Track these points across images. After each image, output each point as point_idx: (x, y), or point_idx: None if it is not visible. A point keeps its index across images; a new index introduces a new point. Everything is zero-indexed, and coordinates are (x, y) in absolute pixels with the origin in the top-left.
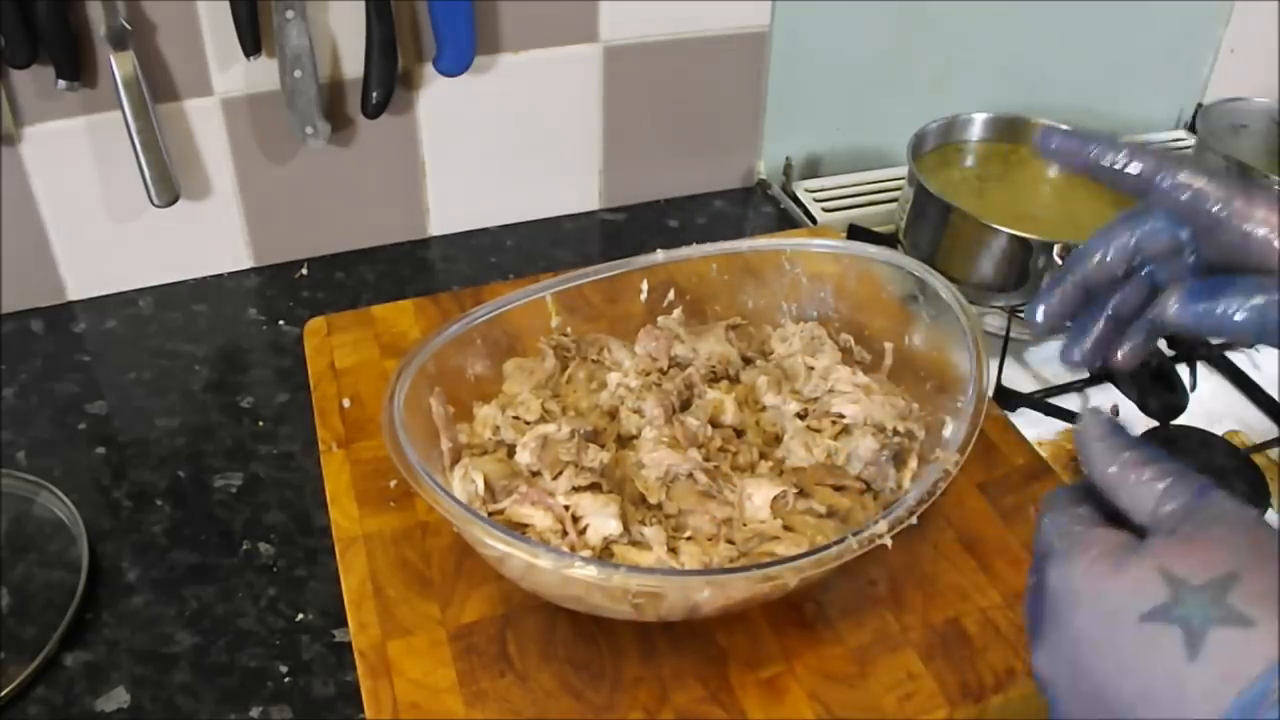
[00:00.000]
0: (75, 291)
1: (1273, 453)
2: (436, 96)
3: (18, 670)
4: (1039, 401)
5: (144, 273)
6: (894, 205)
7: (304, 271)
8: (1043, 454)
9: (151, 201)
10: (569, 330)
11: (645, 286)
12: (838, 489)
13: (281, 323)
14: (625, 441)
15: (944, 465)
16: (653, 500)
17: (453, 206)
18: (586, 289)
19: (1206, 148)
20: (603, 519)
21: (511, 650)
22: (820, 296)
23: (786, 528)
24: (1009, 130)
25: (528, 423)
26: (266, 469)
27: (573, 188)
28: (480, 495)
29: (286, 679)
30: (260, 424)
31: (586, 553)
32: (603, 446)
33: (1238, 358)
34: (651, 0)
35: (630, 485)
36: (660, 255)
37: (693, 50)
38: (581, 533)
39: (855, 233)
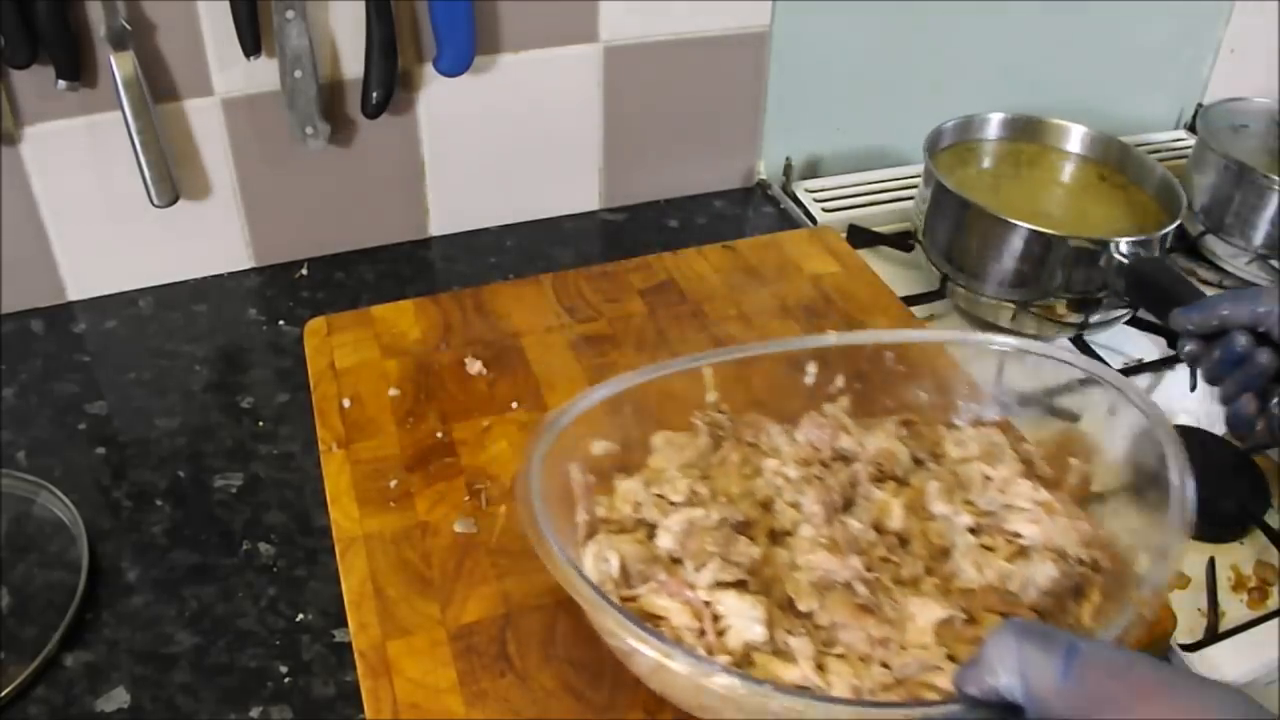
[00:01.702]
0: (75, 291)
1: (1273, 453)
2: (436, 96)
3: (18, 670)
4: (1040, 402)
5: (144, 273)
6: (894, 205)
7: (304, 271)
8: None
9: (151, 201)
10: (725, 407)
11: (813, 370)
12: (1008, 617)
13: (281, 323)
14: (778, 537)
15: (1137, 607)
16: (803, 608)
17: (453, 206)
18: (748, 364)
19: (1206, 148)
20: (747, 622)
21: (511, 650)
22: (1002, 400)
23: (950, 657)
24: (1024, 130)
25: (673, 503)
26: (266, 469)
27: (573, 188)
28: (614, 578)
29: (286, 679)
30: (260, 424)
31: (725, 658)
32: (753, 540)
33: None
34: (651, 0)
35: (779, 587)
36: (832, 337)
37: (693, 50)
38: (721, 634)
39: (855, 233)
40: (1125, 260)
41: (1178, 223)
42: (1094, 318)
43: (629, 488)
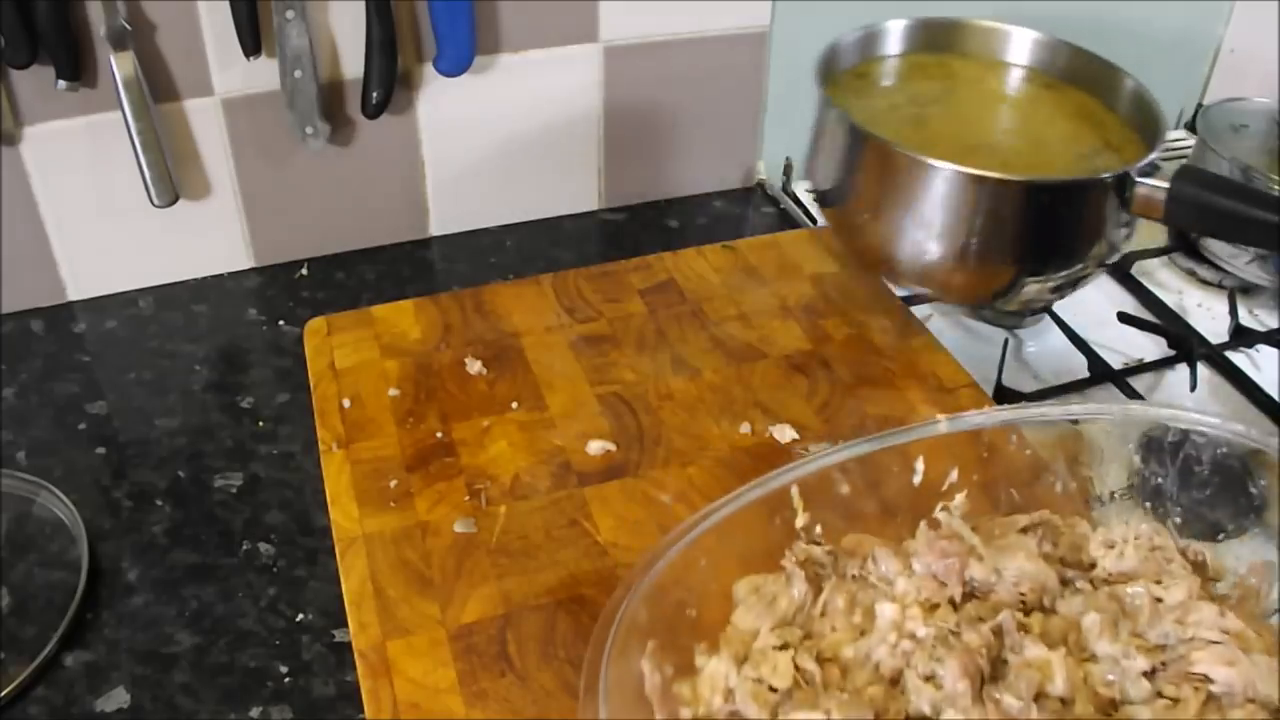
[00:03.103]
0: (75, 291)
1: (1273, 453)
2: (436, 96)
3: (18, 670)
4: (1039, 402)
5: (144, 273)
6: None
7: (304, 271)
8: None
9: (151, 201)
10: (819, 533)
11: (921, 466)
12: None
13: (281, 323)
14: None
15: None
16: None
17: (453, 206)
18: (837, 472)
19: (1206, 148)
20: None
21: (512, 650)
22: (1155, 483)
23: None
24: (942, 37)
25: (774, 689)
26: (266, 469)
27: (573, 188)
28: None
29: (286, 679)
30: (260, 424)
31: None
32: None
33: (1237, 358)
34: (651, 0)
35: None
36: (943, 425)
37: (693, 50)
38: None
39: None
40: (1167, 190)
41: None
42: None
43: (715, 670)
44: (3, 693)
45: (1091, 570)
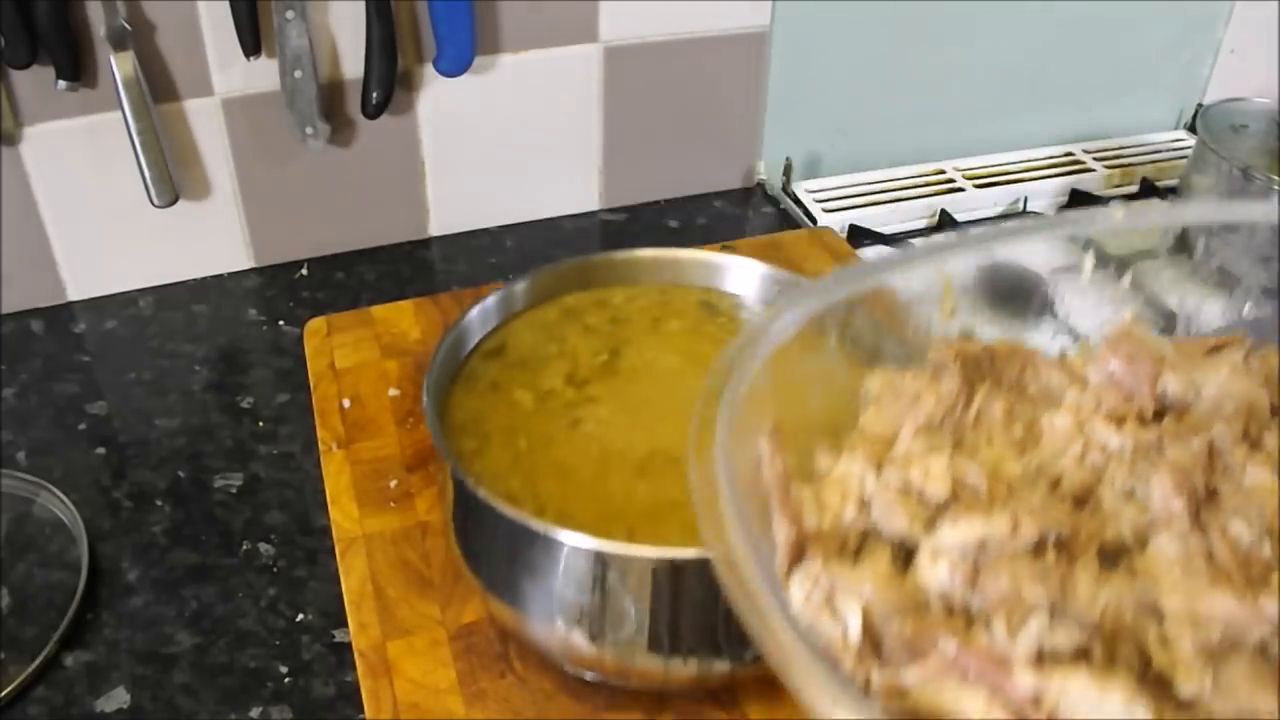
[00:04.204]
0: (75, 291)
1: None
2: (436, 96)
3: (18, 670)
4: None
5: (144, 273)
6: (894, 205)
7: (304, 271)
8: None
9: (151, 201)
10: (973, 337)
11: (1090, 263)
12: None
13: (281, 323)
14: (1110, 554)
15: None
16: (1187, 690)
17: (453, 206)
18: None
19: (1206, 149)
20: None
21: (511, 650)
22: None
23: None
24: (600, 270)
25: (924, 500)
26: (266, 469)
27: (573, 188)
28: (854, 645)
29: (286, 679)
30: (260, 424)
31: None
32: (1071, 559)
33: None
34: (651, 0)
35: (1125, 645)
36: (1119, 213)
37: (693, 50)
38: None
39: (856, 233)
40: None
41: None
42: None
43: (848, 473)
44: (3, 693)
45: None
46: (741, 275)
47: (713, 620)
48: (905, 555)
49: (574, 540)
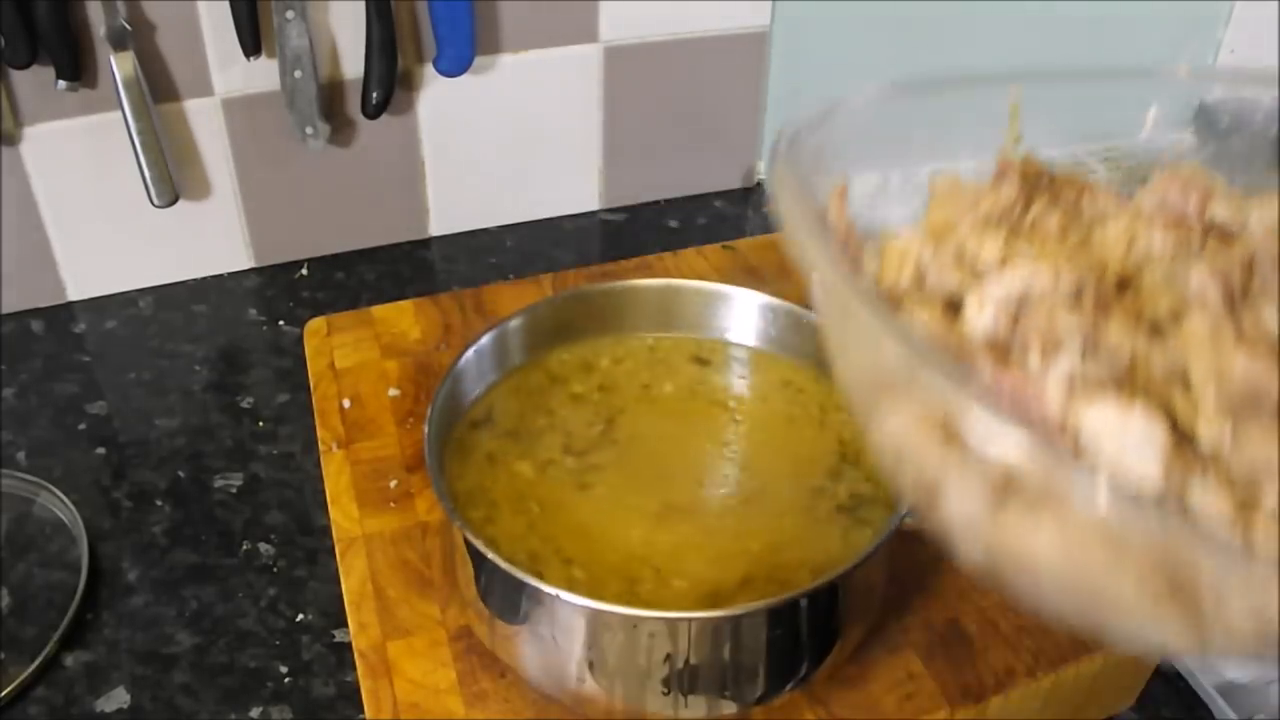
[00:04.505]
0: (75, 291)
1: None
2: (436, 96)
3: (18, 670)
4: None
5: (144, 273)
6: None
7: (304, 271)
8: None
9: (151, 201)
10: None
11: (1151, 117)
12: None
13: (281, 323)
14: (1148, 329)
15: None
16: (1207, 435)
17: (453, 206)
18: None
19: (1207, 148)
20: (1138, 449)
21: None
22: None
23: None
24: (575, 315)
25: (975, 264)
26: (266, 469)
27: (573, 188)
28: None
29: (286, 679)
30: (260, 424)
31: None
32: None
33: None
34: (651, 0)
35: (1151, 400)
36: (1184, 71)
37: (693, 50)
38: None
39: None
40: None
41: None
42: None
43: (908, 245)
44: (3, 693)
45: None
46: (731, 310)
47: (735, 666)
48: (954, 310)
49: (608, 608)
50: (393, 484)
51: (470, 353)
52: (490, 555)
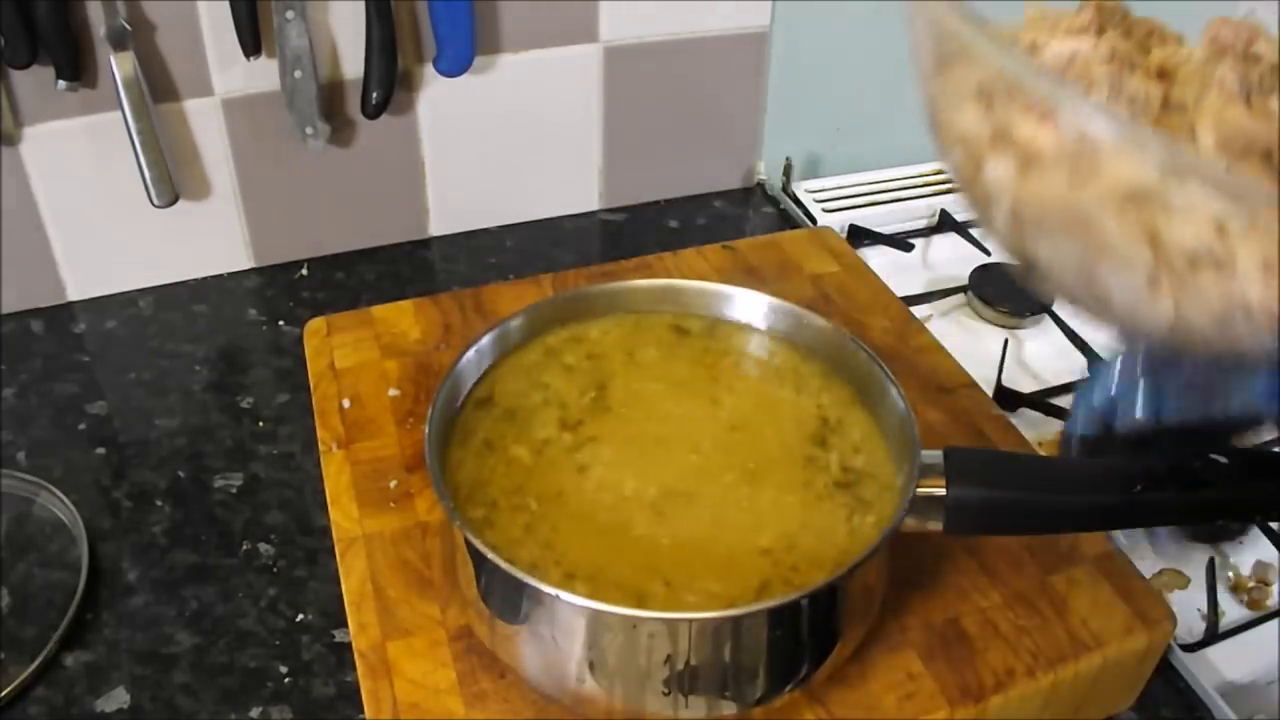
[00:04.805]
0: (75, 291)
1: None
2: (436, 96)
3: (18, 670)
4: (1039, 402)
5: (144, 273)
6: (894, 205)
7: (304, 271)
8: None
9: (151, 202)
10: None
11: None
12: None
13: (281, 323)
14: (1174, 109)
15: None
16: (1203, 142)
17: (453, 206)
18: None
19: None
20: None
21: None
22: None
23: None
24: (570, 305)
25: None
26: (266, 469)
27: (573, 188)
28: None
29: (286, 679)
30: (260, 424)
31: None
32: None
33: None
34: (651, 0)
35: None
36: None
37: (693, 50)
38: None
39: (855, 233)
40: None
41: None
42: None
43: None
44: (3, 693)
45: None
46: (731, 310)
47: (736, 667)
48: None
49: (608, 609)
50: (393, 484)
51: (471, 352)
52: (490, 556)
